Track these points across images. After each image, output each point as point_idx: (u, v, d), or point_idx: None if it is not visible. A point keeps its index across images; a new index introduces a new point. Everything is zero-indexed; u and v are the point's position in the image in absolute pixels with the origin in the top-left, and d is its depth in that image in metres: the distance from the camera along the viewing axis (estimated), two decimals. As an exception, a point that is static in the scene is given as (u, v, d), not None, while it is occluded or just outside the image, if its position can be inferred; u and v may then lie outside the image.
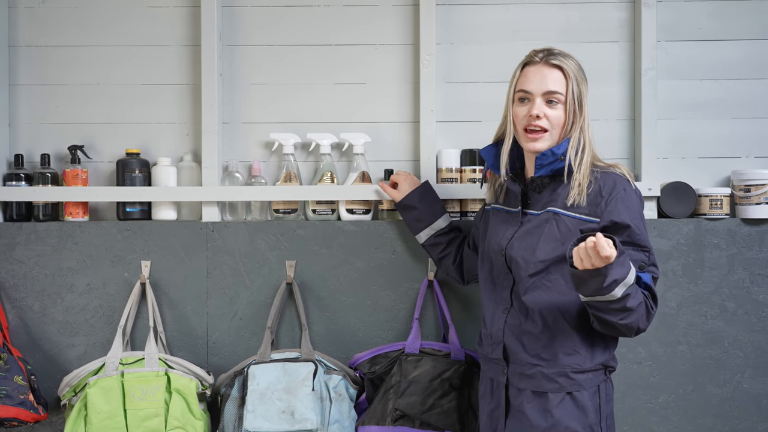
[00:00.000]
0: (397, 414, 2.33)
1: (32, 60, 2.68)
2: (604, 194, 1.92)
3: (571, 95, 1.96)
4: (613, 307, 1.80)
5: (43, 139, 2.68)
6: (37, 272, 2.55)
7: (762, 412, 2.53)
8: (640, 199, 1.96)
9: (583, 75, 2.01)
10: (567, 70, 1.96)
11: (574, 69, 1.98)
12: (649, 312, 1.87)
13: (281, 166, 2.61)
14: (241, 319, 2.56)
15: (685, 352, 2.53)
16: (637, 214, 1.92)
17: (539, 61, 1.99)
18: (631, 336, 1.90)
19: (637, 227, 1.91)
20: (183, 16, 2.67)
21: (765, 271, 2.53)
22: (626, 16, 2.64)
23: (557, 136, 1.99)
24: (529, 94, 1.98)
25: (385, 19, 2.66)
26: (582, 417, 1.94)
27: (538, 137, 1.98)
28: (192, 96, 2.67)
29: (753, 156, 2.65)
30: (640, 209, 1.94)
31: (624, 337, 1.92)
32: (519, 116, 2.01)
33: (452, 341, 2.45)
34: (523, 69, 2.02)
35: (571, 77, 1.96)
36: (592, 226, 1.91)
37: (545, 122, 1.97)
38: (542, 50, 2.00)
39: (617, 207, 1.90)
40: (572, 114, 1.97)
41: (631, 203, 1.92)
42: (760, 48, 2.64)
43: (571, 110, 1.97)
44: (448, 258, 2.41)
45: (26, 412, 2.37)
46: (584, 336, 1.96)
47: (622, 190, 1.92)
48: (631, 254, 1.89)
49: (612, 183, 1.93)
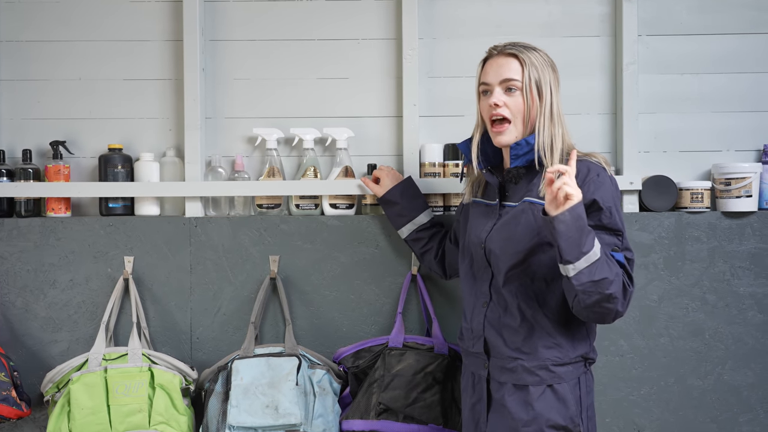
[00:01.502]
0: (380, 408, 2.34)
1: (14, 55, 2.67)
2: (578, 180, 1.92)
3: (529, 80, 1.97)
4: (595, 276, 1.81)
5: (25, 135, 2.66)
6: (19, 268, 2.55)
7: (742, 404, 2.55)
8: (615, 185, 1.97)
9: (546, 62, 2.01)
10: (522, 58, 1.98)
11: (533, 57, 1.99)
12: (625, 288, 1.88)
13: (264, 161, 2.61)
14: (224, 315, 2.56)
15: (667, 345, 2.55)
16: (610, 198, 1.93)
17: (496, 53, 2.02)
18: (609, 320, 1.90)
19: (609, 210, 1.91)
20: (165, 10, 2.66)
21: (745, 264, 2.55)
22: (608, 10, 2.65)
23: (521, 126, 2.00)
24: (489, 86, 2.01)
25: (368, 14, 2.67)
26: (563, 409, 1.95)
27: (502, 129, 2.00)
28: (175, 91, 2.66)
29: (733, 150, 2.67)
30: (613, 194, 1.95)
31: (603, 322, 1.91)
32: (484, 109, 2.04)
33: (435, 335, 2.46)
34: (484, 65, 2.05)
35: (527, 63, 1.98)
36: None
37: (506, 110, 1.99)
38: (502, 45, 2.03)
39: (590, 190, 1.91)
40: (531, 100, 1.98)
41: (604, 187, 1.93)
42: (740, 42, 2.66)
43: (530, 96, 1.98)
44: (430, 253, 2.42)
45: (9, 408, 2.36)
46: (564, 328, 1.97)
47: (596, 175, 1.93)
48: (603, 237, 1.90)
49: (586, 169, 1.95)
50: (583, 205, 1.83)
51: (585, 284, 1.82)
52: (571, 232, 1.78)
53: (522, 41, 2.04)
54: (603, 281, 1.82)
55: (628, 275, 1.92)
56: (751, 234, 2.55)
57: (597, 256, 1.81)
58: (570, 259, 1.81)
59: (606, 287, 1.83)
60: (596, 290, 1.83)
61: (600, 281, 1.82)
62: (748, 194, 2.52)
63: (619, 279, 1.86)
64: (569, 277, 1.83)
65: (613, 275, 1.84)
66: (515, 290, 1.98)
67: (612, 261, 1.87)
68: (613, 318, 1.90)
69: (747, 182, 2.51)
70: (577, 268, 1.81)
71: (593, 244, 1.81)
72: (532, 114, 1.99)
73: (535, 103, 1.98)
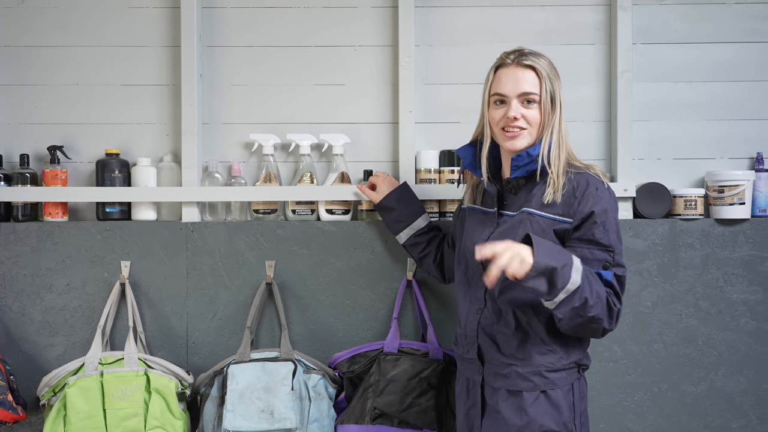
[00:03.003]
0: (375, 413, 2.34)
1: (11, 60, 2.68)
2: (577, 195, 1.94)
3: (546, 94, 1.98)
4: (575, 303, 1.82)
5: (23, 140, 2.67)
6: (16, 272, 2.55)
7: (735, 410, 2.57)
8: (613, 200, 1.97)
9: (555, 72, 2.02)
10: (539, 70, 1.98)
11: (546, 67, 1.99)
12: (611, 308, 1.89)
13: (261, 167, 2.63)
14: (220, 319, 2.57)
15: (660, 351, 2.57)
16: (606, 213, 1.93)
17: (511, 62, 2.00)
18: (598, 336, 1.92)
19: (603, 225, 1.92)
20: (163, 17, 2.67)
21: (738, 271, 2.56)
22: (602, 19, 2.67)
23: (535, 134, 2.00)
24: (505, 97, 2.00)
25: (365, 21, 2.68)
26: (556, 415, 1.96)
27: (516, 135, 2.00)
28: (172, 97, 2.67)
29: (727, 157, 2.69)
30: (611, 208, 1.95)
31: (593, 337, 1.94)
32: (496, 119, 2.02)
33: (431, 340, 2.47)
34: (496, 72, 2.03)
35: (543, 76, 1.98)
36: (564, 226, 1.94)
37: (523, 122, 1.99)
38: (513, 51, 2.01)
39: (587, 204, 1.92)
40: (547, 113, 1.99)
41: (602, 201, 1.93)
42: (734, 51, 2.68)
43: (546, 109, 1.99)
44: (429, 257, 2.43)
45: (5, 412, 2.36)
46: (557, 335, 1.98)
47: (594, 189, 1.94)
48: (594, 253, 1.91)
49: (585, 183, 1.95)
50: (581, 219, 1.88)
51: (565, 312, 1.84)
52: (541, 283, 1.79)
53: (527, 48, 2.02)
54: (583, 306, 1.83)
55: (616, 294, 1.92)
56: (744, 241, 2.56)
57: (576, 285, 1.81)
58: (548, 298, 1.83)
59: (587, 311, 1.84)
60: (578, 314, 1.84)
61: (580, 306, 1.83)
62: (741, 201, 2.54)
63: (602, 301, 1.86)
64: (550, 309, 1.86)
65: (595, 298, 1.84)
66: (511, 298, 1.96)
67: (596, 282, 1.87)
68: (602, 334, 1.92)
69: (740, 190, 2.53)
70: (555, 302, 1.83)
71: (569, 276, 1.80)
72: (546, 124, 2.00)
73: (548, 114, 1.99)
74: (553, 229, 1.93)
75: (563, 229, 1.94)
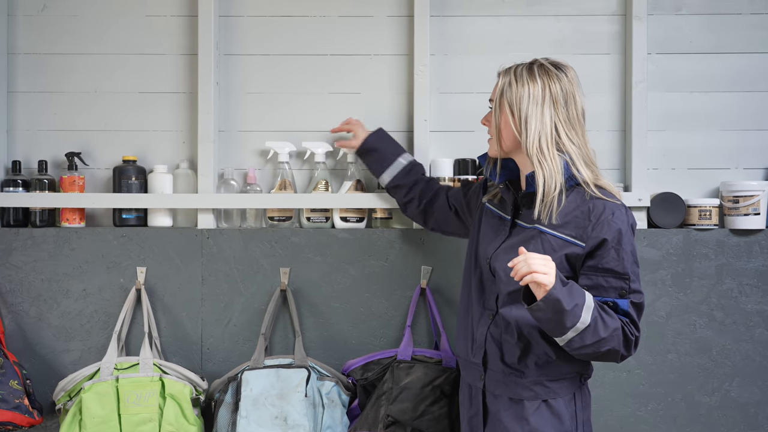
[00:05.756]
0: (388, 420, 2.35)
1: (30, 67, 2.71)
2: (592, 218, 1.88)
3: (499, 96, 1.97)
4: (587, 341, 1.80)
5: (41, 146, 2.70)
6: (33, 278, 2.58)
7: (749, 421, 2.56)
8: (631, 225, 1.90)
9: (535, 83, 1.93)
10: (500, 73, 2.00)
11: (517, 75, 1.95)
12: (627, 338, 1.85)
13: (276, 174, 2.64)
14: (235, 326, 2.58)
15: (674, 361, 2.56)
16: (620, 239, 1.86)
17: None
18: (617, 362, 1.89)
19: (617, 251, 1.86)
20: (180, 25, 2.70)
21: (753, 281, 2.56)
22: (618, 29, 2.68)
23: (496, 141, 1.99)
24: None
25: (380, 30, 2.69)
26: (558, 424, 1.95)
27: (489, 140, 2.04)
28: (188, 104, 2.69)
29: (742, 168, 2.68)
30: (626, 234, 1.87)
31: (611, 361, 1.90)
32: None
33: (444, 348, 2.47)
34: None
35: (500, 78, 1.99)
36: (576, 250, 1.89)
37: (488, 126, 2.04)
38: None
39: (602, 230, 1.86)
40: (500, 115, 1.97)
41: (616, 227, 1.86)
42: (749, 62, 2.68)
43: (499, 111, 1.97)
44: (413, 203, 2.42)
45: (21, 416, 2.38)
46: (559, 345, 1.92)
47: (610, 214, 1.87)
48: (609, 281, 1.86)
49: (602, 207, 1.88)
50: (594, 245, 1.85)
51: (577, 348, 1.83)
52: (550, 316, 1.77)
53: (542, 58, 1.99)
54: (597, 343, 1.81)
55: (633, 322, 1.88)
56: (759, 252, 2.56)
57: (586, 324, 1.78)
58: (556, 335, 1.82)
59: (601, 347, 1.82)
60: (591, 350, 1.82)
61: (593, 343, 1.81)
62: (756, 212, 2.53)
63: (618, 333, 1.83)
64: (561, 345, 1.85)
65: (609, 333, 1.81)
66: (514, 312, 1.96)
67: (610, 316, 1.83)
68: (620, 360, 1.89)
69: (755, 200, 2.53)
70: (565, 339, 1.81)
71: (579, 314, 1.77)
72: (505, 132, 1.97)
73: (506, 119, 1.96)
74: (564, 254, 1.89)
75: (575, 254, 1.89)
